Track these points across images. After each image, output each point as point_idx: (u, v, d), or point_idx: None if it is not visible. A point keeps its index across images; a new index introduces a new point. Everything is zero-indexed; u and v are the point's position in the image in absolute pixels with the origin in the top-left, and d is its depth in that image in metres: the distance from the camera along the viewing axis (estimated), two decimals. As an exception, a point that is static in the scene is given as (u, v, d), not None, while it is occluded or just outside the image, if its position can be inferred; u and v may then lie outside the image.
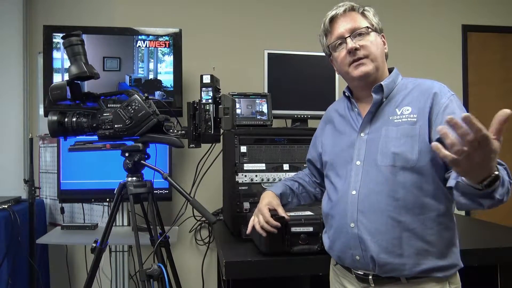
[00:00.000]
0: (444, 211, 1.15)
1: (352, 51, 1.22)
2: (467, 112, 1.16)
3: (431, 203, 1.15)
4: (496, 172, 0.91)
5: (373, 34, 1.25)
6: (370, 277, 1.20)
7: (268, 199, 1.41)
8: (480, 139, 0.82)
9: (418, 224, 1.14)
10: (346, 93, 1.34)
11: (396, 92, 1.25)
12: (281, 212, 1.38)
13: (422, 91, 1.20)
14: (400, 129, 1.17)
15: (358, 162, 1.23)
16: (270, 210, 1.38)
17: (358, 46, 1.22)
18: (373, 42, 1.23)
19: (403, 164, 1.15)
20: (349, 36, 1.23)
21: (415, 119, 1.16)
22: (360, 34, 1.23)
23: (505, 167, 1.02)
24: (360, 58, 1.22)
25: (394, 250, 1.15)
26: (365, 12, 1.27)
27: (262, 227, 1.35)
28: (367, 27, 1.24)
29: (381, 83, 1.23)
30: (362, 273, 1.22)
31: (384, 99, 1.24)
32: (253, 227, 1.39)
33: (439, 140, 1.11)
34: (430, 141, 1.14)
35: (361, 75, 1.23)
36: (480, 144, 0.83)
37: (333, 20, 1.28)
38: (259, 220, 1.36)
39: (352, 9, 1.27)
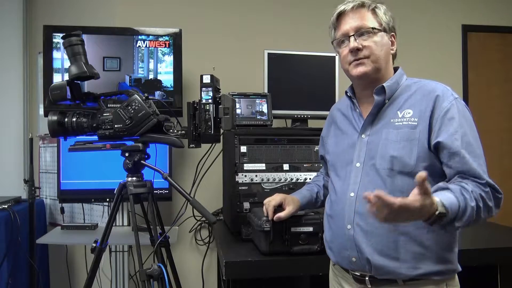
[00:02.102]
0: None
1: (354, 51, 1.20)
2: (470, 113, 1.16)
3: None
4: (437, 212, 0.96)
5: (380, 34, 1.21)
6: (367, 278, 1.20)
7: (287, 197, 1.50)
8: (396, 211, 0.90)
9: (415, 228, 1.13)
10: (348, 93, 1.33)
11: (399, 93, 1.23)
12: (282, 214, 1.46)
13: (424, 94, 1.18)
14: (400, 132, 1.16)
15: (358, 164, 1.23)
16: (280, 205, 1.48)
17: (360, 46, 1.19)
18: (377, 43, 1.20)
19: (401, 168, 1.14)
20: (353, 35, 1.20)
21: (416, 123, 1.15)
22: (365, 33, 1.20)
23: (475, 193, 1.04)
24: (360, 58, 1.20)
25: (389, 253, 1.15)
26: (375, 9, 1.22)
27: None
28: (373, 28, 1.20)
29: (383, 84, 1.21)
30: (359, 274, 1.22)
31: (387, 101, 1.23)
32: (253, 228, 1.40)
33: (436, 146, 1.11)
34: (429, 145, 1.13)
35: (358, 75, 1.21)
36: (399, 212, 0.91)
37: (341, 15, 1.23)
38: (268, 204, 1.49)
39: (361, 5, 1.21)
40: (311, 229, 1.53)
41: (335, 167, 1.32)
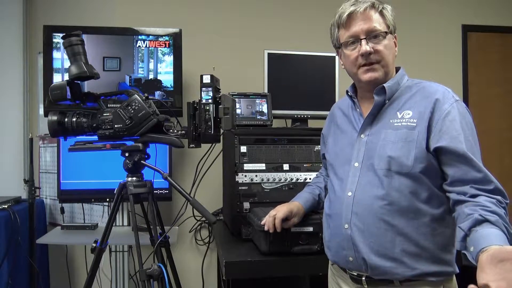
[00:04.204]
0: (438, 217, 1.14)
1: (365, 55, 1.19)
2: (470, 116, 1.15)
3: (425, 208, 1.14)
4: None
5: (388, 37, 1.20)
6: (363, 278, 1.20)
7: (292, 208, 1.47)
8: None
9: (412, 229, 1.13)
10: (349, 93, 1.33)
11: (399, 94, 1.22)
12: (286, 225, 1.46)
13: (425, 96, 1.17)
14: (398, 133, 1.16)
15: (356, 164, 1.23)
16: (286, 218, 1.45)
17: (372, 50, 1.18)
18: (387, 47, 1.19)
19: (398, 169, 1.14)
20: (365, 38, 1.18)
21: (415, 124, 1.15)
22: (375, 37, 1.19)
23: (505, 216, 1.01)
24: (372, 63, 1.19)
25: (386, 253, 1.14)
26: (383, 11, 1.21)
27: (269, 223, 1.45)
28: (385, 31, 1.19)
29: (384, 85, 1.20)
30: (356, 274, 1.22)
31: (387, 101, 1.22)
32: (253, 228, 1.40)
33: (437, 150, 1.11)
34: (427, 147, 1.12)
35: (369, 81, 1.21)
36: None
37: (351, 16, 1.20)
38: (271, 218, 1.44)
39: (372, 6, 1.20)
40: (311, 229, 1.53)
41: (334, 166, 1.32)
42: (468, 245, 0.97)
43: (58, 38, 2.17)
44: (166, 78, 2.28)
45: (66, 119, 1.57)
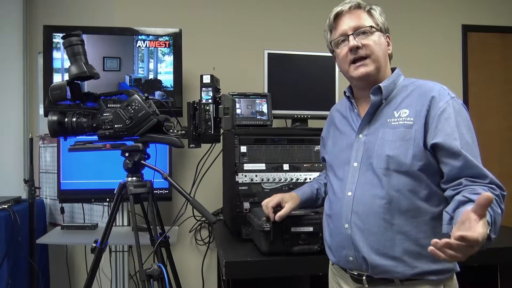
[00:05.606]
0: (438, 215, 1.14)
1: (353, 49, 1.20)
2: (467, 112, 1.16)
3: (425, 207, 1.14)
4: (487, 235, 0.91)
5: (377, 34, 1.22)
6: (364, 277, 1.20)
7: (285, 195, 1.47)
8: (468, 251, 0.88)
9: (412, 227, 1.14)
10: (346, 93, 1.34)
11: (396, 93, 1.24)
12: (282, 212, 1.43)
13: (421, 94, 1.18)
14: (396, 132, 1.17)
15: (355, 164, 1.23)
16: (279, 205, 1.45)
17: (360, 44, 1.20)
18: (376, 42, 1.21)
19: (397, 168, 1.14)
20: (352, 34, 1.21)
21: (412, 122, 1.15)
22: (363, 33, 1.21)
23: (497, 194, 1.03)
24: (361, 58, 1.21)
25: (386, 252, 1.15)
26: (371, 10, 1.24)
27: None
28: (371, 26, 1.21)
29: (380, 84, 1.21)
30: (356, 273, 1.23)
31: (383, 101, 1.23)
32: (253, 228, 1.40)
33: (434, 147, 1.11)
34: (425, 145, 1.13)
35: (360, 76, 1.22)
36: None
37: (338, 16, 1.25)
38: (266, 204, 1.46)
39: (358, 6, 1.24)
40: (311, 229, 1.53)
41: (333, 167, 1.33)
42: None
43: (58, 38, 2.17)
44: (166, 78, 2.28)
45: (66, 119, 1.57)
